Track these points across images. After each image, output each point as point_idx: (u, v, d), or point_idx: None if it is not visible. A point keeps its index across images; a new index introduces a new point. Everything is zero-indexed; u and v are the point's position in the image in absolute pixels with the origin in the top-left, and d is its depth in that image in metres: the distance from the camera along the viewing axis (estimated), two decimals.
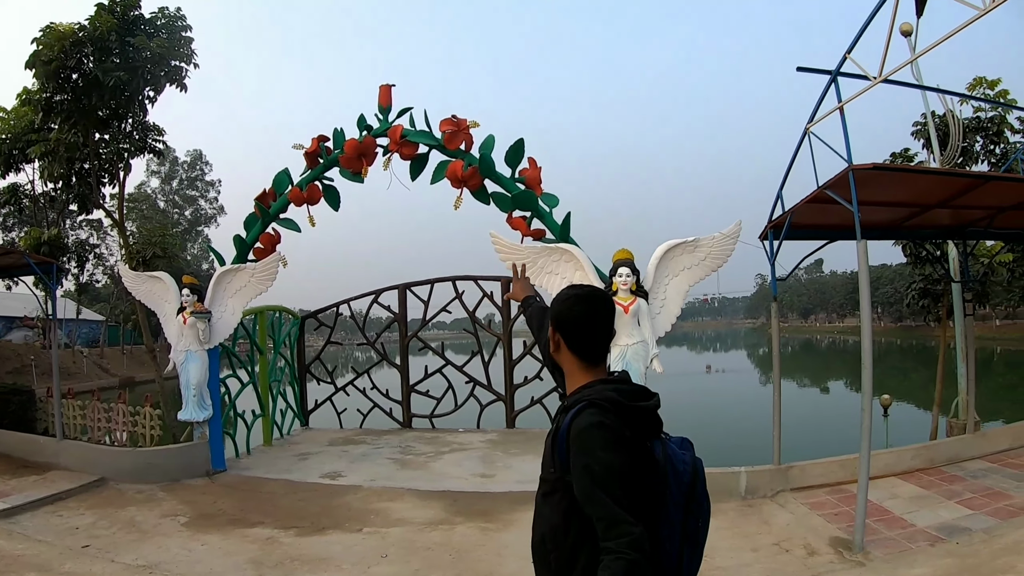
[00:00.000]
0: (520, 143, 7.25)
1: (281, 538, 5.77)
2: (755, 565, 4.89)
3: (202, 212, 45.91)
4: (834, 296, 73.47)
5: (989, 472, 6.73)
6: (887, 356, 46.37)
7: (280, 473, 7.99)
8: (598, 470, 1.57)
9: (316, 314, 11.84)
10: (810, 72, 5.74)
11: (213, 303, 8.08)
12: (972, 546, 4.88)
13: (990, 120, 11.25)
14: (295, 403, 11.06)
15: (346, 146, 7.70)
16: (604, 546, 1.54)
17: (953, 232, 7.91)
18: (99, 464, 7.77)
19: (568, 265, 6.86)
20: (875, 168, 5.31)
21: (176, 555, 5.36)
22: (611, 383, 1.76)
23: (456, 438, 10.12)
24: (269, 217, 8.26)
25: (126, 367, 35.44)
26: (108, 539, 5.70)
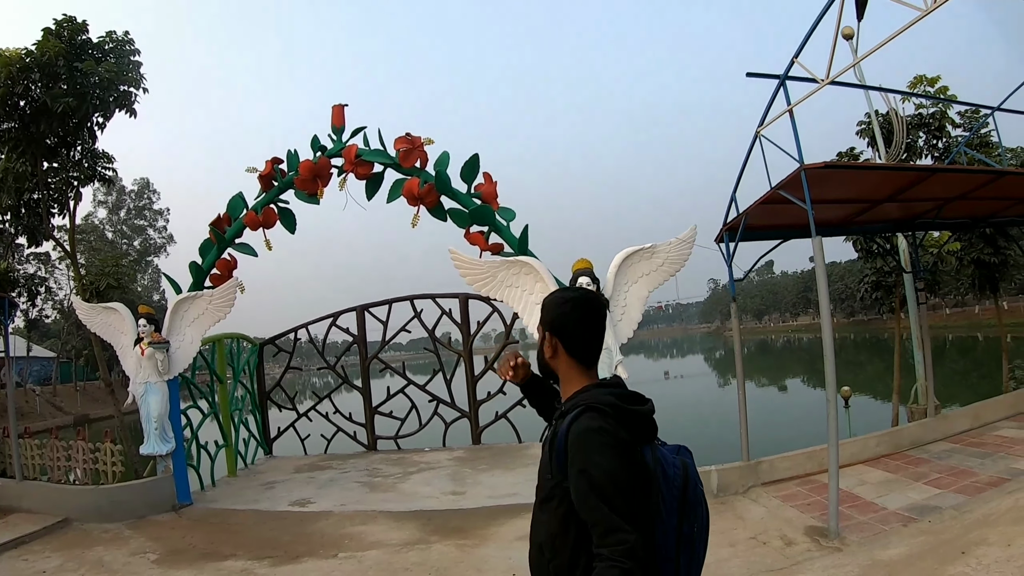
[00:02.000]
0: (475, 159, 7.25)
1: (256, 569, 5.62)
2: (734, 560, 4.95)
3: (151, 242, 44.79)
4: (786, 296, 75.18)
5: (953, 452, 6.93)
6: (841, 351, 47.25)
7: (248, 504, 7.80)
8: (595, 475, 1.56)
9: (274, 340, 11.65)
10: (759, 77, 5.86)
11: (171, 332, 7.86)
12: (944, 523, 5.05)
13: (932, 116, 11.73)
14: (258, 432, 10.85)
15: (301, 167, 7.61)
16: (598, 552, 1.53)
17: (902, 225, 8.20)
18: (62, 504, 7.50)
19: (528, 277, 6.86)
20: (826, 167, 5.52)
21: None
22: (607, 387, 1.76)
23: (423, 457, 10.04)
24: (225, 242, 8.09)
25: (80, 405, 34.28)
26: None
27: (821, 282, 5.48)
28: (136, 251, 42.74)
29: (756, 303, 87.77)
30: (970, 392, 17.01)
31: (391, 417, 11.07)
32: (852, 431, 11.69)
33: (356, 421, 11.14)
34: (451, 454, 10.12)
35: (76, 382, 38.55)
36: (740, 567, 4.82)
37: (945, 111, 11.75)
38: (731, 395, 31.98)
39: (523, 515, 6.37)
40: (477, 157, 7.24)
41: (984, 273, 12.38)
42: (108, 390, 12.91)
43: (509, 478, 7.95)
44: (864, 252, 12.18)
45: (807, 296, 70.53)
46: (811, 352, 51.84)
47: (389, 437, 11.02)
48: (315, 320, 11.32)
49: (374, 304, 11.13)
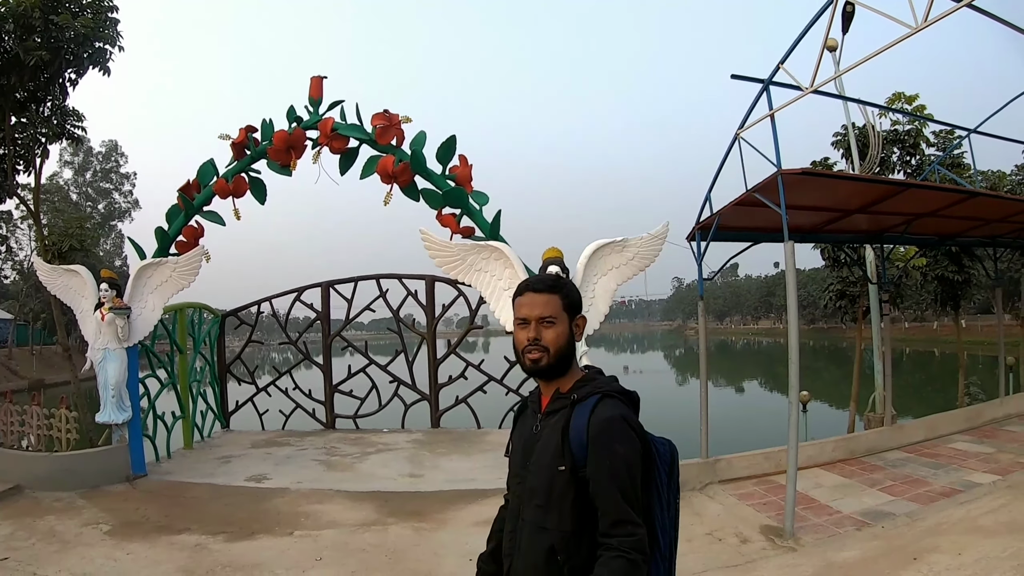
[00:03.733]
0: (452, 140, 7.20)
1: (210, 544, 5.53)
2: (690, 555, 4.98)
3: (116, 206, 43.99)
4: (748, 299, 76.21)
5: (907, 461, 7.07)
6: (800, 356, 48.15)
7: (204, 477, 7.66)
8: (617, 465, 1.61)
9: (237, 312, 11.43)
10: (743, 80, 5.91)
11: (133, 299, 7.64)
12: (897, 529, 5.17)
13: (907, 133, 11.93)
14: (215, 404, 10.65)
15: (275, 138, 7.45)
16: (605, 541, 1.58)
17: (872, 237, 8.34)
18: (13, 471, 7.24)
19: (498, 263, 6.85)
20: (803, 173, 5.60)
21: (101, 566, 5.06)
22: (602, 375, 1.84)
23: (381, 438, 9.98)
24: (193, 209, 7.89)
25: (35, 369, 33.51)
26: (28, 551, 5.36)
27: (791, 286, 5.54)
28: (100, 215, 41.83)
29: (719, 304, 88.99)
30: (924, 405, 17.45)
31: (351, 396, 10.98)
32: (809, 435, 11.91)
33: (315, 398, 11.02)
34: (410, 436, 10.06)
35: (32, 346, 37.63)
36: (696, 562, 4.86)
37: (921, 129, 11.99)
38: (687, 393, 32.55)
39: (481, 501, 6.42)
40: (454, 139, 7.20)
41: (947, 290, 12.69)
42: (65, 355, 12.55)
43: (467, 463, 7.92)
44: (831, 261, 12.37)
45: (769, 300, 71.76)
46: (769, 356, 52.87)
47: (348, 416, 10.93)
48: (279, 294, 11.13)
49: (340, 281, 10.99)
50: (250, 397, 11.09)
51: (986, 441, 7.69)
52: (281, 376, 11.19)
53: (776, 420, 6.47)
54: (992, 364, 29.51)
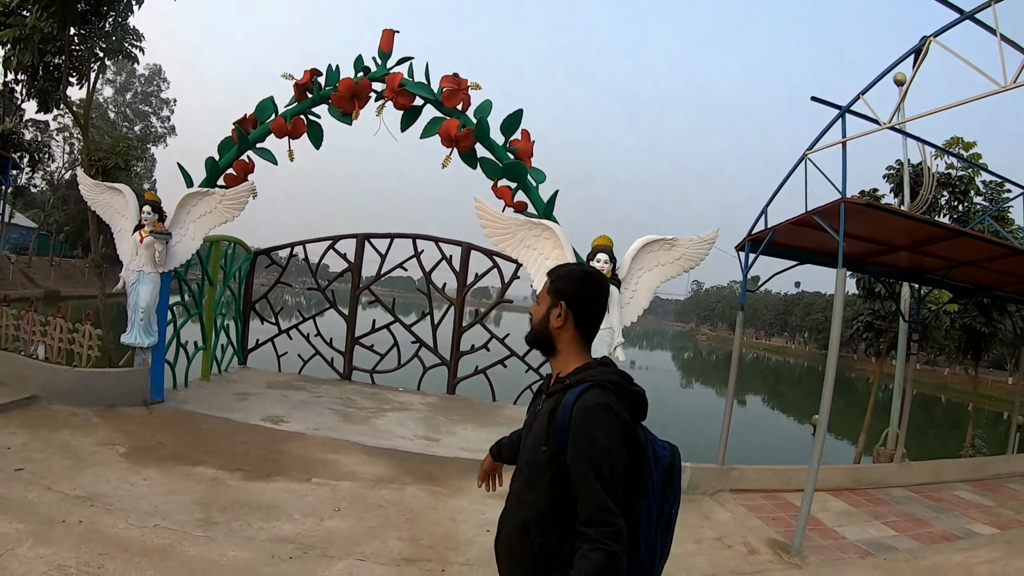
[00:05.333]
0: (518, 113, 7.14)
1: (227, 480, 5.54)
2: (699, 556, 5.07)
3: (152, 130, 44.05)
4: (765, 314, 75.64)
5: (911, 500, 7.07)
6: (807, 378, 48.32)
7: (220, 411, 7.67)
8: (596, 453, 1.61)
9: (269, 251, 11.45)
10: (822, 103, 5.95)
11: (174, 225, 7.61)
12: (897, 564, 5.17)
13: (959, 179, 11.88)
14: (235, 340, 10.66)
15: (341, 85, 7.38)
16: (583, 531, 1.58)
17: (910, 275, 8.35)
18: (31, 380, 7.21)
19: (548, 242, 6.83)
20: (867, 205, 5.63)
21: (116, 488, 5.03)
22: (607, 366, 1.81)
23: (397, 397, 10.01)
24: (247, 144, 7.81)
25: (53, 280, 33.83)
26: (43, 464, 5.33)
27: (837, 312, 5.48)
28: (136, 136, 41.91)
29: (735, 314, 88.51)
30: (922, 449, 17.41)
31: (371, 351, 11.00)
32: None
33: (335, 348, 11.05)
34: (425, 399, 10.09)
35: (53, 256, 37.95)
36: (705, 564, 4.93)
37: (973, 177, 11.90)
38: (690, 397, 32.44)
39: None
40: (520, 113, 7.13)
41: (971, 339, 12.71)
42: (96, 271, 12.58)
43: (482, 434, 7.93)
44: (866, 291, 12.32)
45: (784, 319, 71.31)
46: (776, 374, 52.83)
47: (365, 370, 10.97)
48: (314, 240, 11.10)
49: (376, 235, 10.93)
50: (271, 337, 11.12)
51: (988, 494, 7.66)
52: (304, 321, 11.22)
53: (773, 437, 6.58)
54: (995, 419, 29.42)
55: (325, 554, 4.34)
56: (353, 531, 4.80)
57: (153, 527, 4.38)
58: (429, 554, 4.56)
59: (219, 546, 4.27)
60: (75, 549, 3.92)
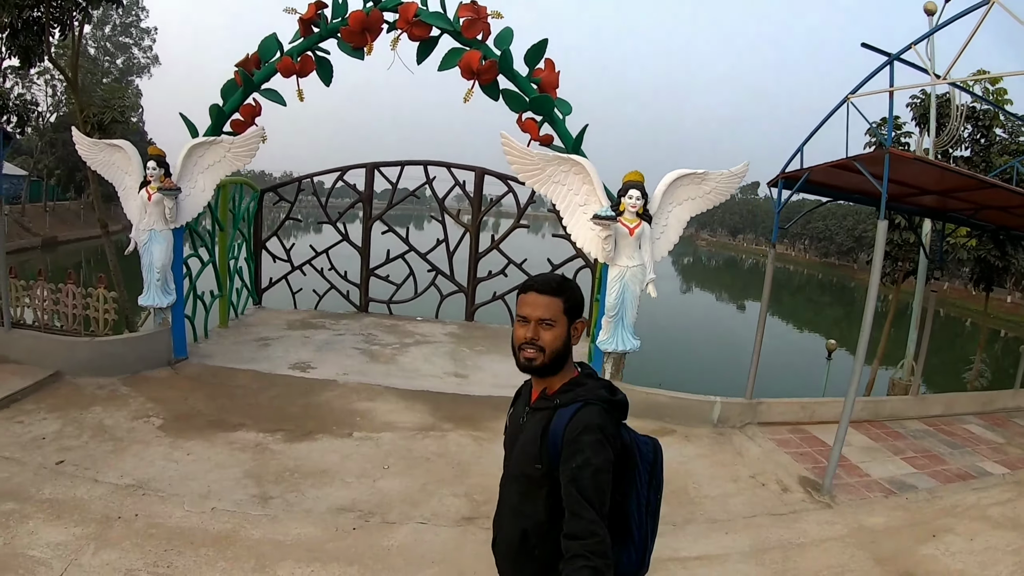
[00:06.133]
0: (543, 44, 6.81)
1: (270, 445, 5.49)
2: (738, 496, 5.18)
3: (135, 61, 42.40)
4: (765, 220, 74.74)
5: (926, 435, 7.18)
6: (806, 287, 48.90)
7: (246, 363, 7.59)
8: (586, 473, 1.65)
9: (276, 187, 11.19)
10: (871, 50, 5.83)
11: (182, 178, 7.24)
12: (918, 503, 5.31)
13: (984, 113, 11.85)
14: (249, 281, 10.48)
15: (351, 18, 6.94)
16: (569, 545, 1.62)
17: (937, 214, 8.38)
18: (52, 356, 6.87)
19: (577, 178, 6.67)
20: (913, 158, 5.72)
21: (163, 469, 4.93)
22: (593, 379, 1.85)
23: (417, 328, 10.01)
24: (252, 86, 7.39)
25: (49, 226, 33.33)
26: (82, 451, 5.14)
27: (877, 258, 5.46)
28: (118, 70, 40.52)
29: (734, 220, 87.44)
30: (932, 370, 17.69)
31: (387, 281, 10.94)
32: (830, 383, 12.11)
33: (350, 280, 10.95)
34: (445, 328, 10.10)
35: (46, 202, 37.26)
36: (745, 504, 5.05)
37: (997, 114, 11.73)
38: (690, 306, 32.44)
39: None
40: (545, 42, 6.79)
41: (984, 271, 12.84)
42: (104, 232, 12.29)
43: (508, 366, 7.78)
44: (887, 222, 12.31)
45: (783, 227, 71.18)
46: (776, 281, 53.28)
47: (382, 301, 10.95)
48: (322, 172, 10.84)
49: (386, 164, 10.69)
50: (284, 275, 11.00)
51: (997, 429, 7.76)
52: (317, 256, 11.04)
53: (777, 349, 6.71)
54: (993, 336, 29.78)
55: (385, 520, 4.35)
56: (407, 491, 4.82)
57: (211, 511, 4.33)
58: (487, 511, 4.56)
59: (281, 525, 4.25)
60: (139, 549, 3.83)
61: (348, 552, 3.96)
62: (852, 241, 50.06)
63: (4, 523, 3.97)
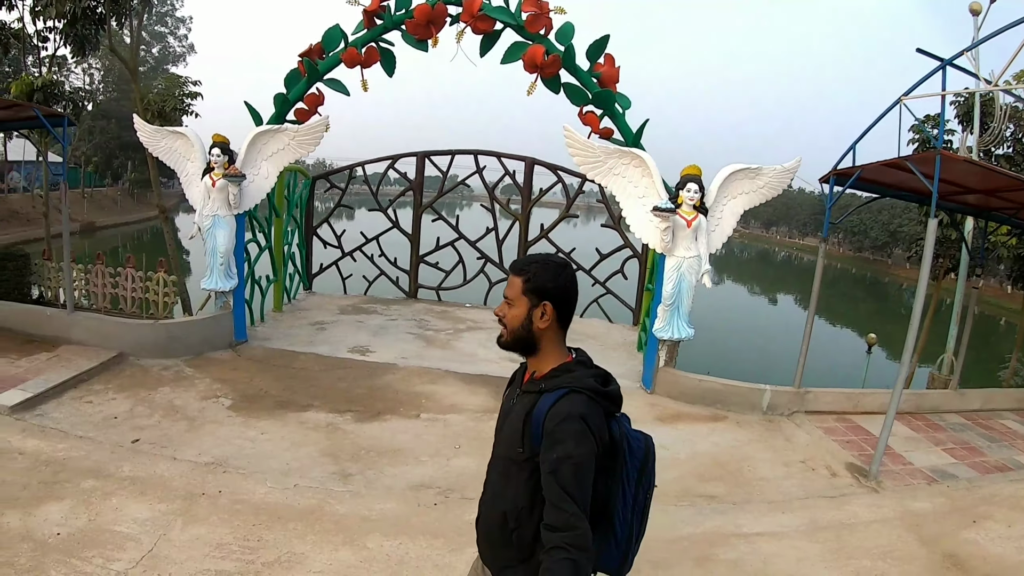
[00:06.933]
0: (605, 39, 7.00)
1: (341, 424, 5.65)
2: (790, 479, 5.35)
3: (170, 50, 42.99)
4: (799, 213, 73.51)
5: (965, 428, 7.22)
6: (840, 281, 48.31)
7: (305, 346, 7.80)
8: (567, 465, 1.60)
9: (328, 175, 11.41)
10: (926, 55, 6.02)
11: (246, 165, 7.40)
12: (959, 491, 5.41)
13: None
14: (301, 266, 10.73)
15: (416, 10, 7.12)
16: (549, 536, 1.59)
17: (981, 212, 8.44)
18: (114, 337, 7.03)
19: (636, 171, 6.85)
20: (963, 160, 5.86)
21: (240, 447, 5.08)
22: (585, 367, 1.80)
23: (467, 314, 10.18)
24: (316, 75, 7.60)
25: (87, 212, 33.99)
26: (156, 430, 5.28)
27: (927, 256, 5.69)
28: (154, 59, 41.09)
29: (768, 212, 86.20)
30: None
31: (436, 268, 11.12)
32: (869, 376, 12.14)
33: (400, 267, 11.15)
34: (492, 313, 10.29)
35: (83, 188, 37.96)
36: (797, 487, 5.22)
37: None
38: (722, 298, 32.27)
39: None
40: (607, 38, 6.99)
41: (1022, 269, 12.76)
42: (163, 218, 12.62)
43: None
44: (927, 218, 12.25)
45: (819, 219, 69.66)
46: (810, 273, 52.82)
47: (431, 287, 11.14)
48: (373, 160, 11.00)
49: (436, 152, 10.85)
50: (335, 261, 11.25)
51: None
52: (368, 242, 11.27)
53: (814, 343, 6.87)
54: None
55: (464, 496, 4.50)
56: (481, 469, 4.93)
57: (294, 488, 4.49)
58: None
59: (365, 500, 4.40)
60: (227, 524, 3.93)
61: (432, 526, 4.12)
62: (887, 236, 49.31)
63: (87, 500, 4.09)
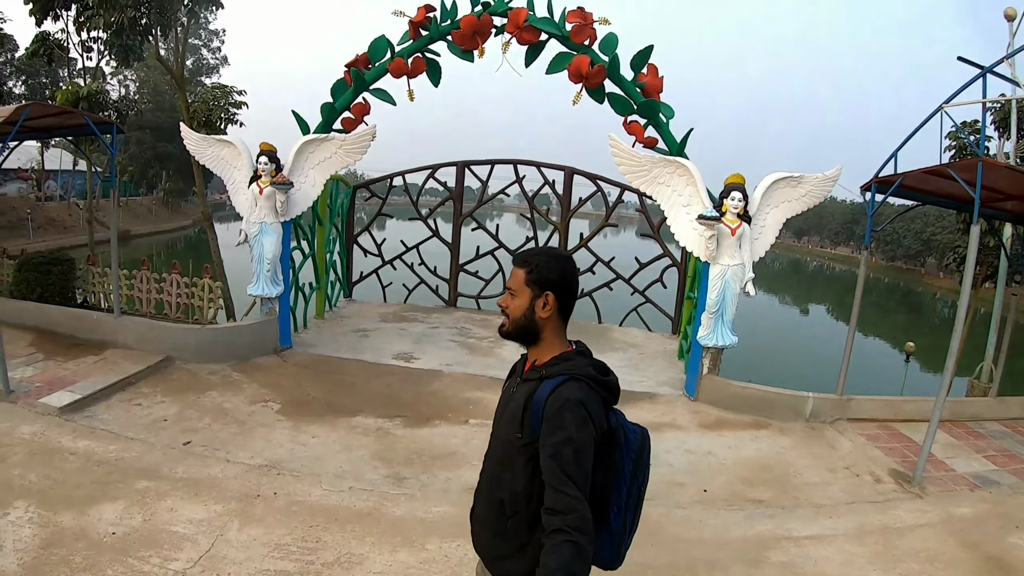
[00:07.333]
0: (648, 49, 7.09)
1: (391, 429, 5.71)
2: (836, 485, 5.39)
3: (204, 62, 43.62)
4: (831, 222, 72.55)
5: (1005, 435, 7.19)
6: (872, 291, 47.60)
7: (350, 352, 7.95)
8: (568, 449, 1.64)
9: (369, 184, 11.59)
10: (967, 63, 6.13)
11: (293, 173, 7.59)
12: (1001, 497, 5.43)
13: None
14: (341, 274, 10.88)
15: (463, 22, 7.29)
16: (548, 518, 1.62)
17: (1019, 218, 8.44)
18: (161, 341, 7.19)
19: (681, 179, 6.92)
20: (1005, 167, 5.90)
21: (292, 451, 5.15)
22: (585, 356, 1.86)
23: None
24: (363, 85, 7.76)
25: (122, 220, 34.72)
26: (207, 433, 5.36)
27: (970, 264, 5.61)
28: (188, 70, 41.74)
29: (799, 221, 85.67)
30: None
31: (476, 276, 11.21)
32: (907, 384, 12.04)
33: (440, 276, 11.25)
34: None
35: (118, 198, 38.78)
36: (843, 492, 5.26)
37: None
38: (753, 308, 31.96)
39: (638, 403, 6.81)
40: (651, 49, 7.08)
41: None
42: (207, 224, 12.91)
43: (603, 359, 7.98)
44: (965, 224, 12.15)
45: (851, 228, 68.26)
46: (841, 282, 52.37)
47: (471, 296, 11.22)
48: (413, 169, 11.15)
49: (476, 162, 10.96)
50: (375, 269, 11.39)
51: None
52: (408, 251, 11.37)
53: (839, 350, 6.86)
54: None
55: None
56: None
57: (349, 490, 4.55)
58: None
59: (420, 503, 4.46)
60: (284, 525, 3.98)
61: None
62: (920, 245, 48.73)
63: (141, 500, 4.16)
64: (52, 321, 7.70)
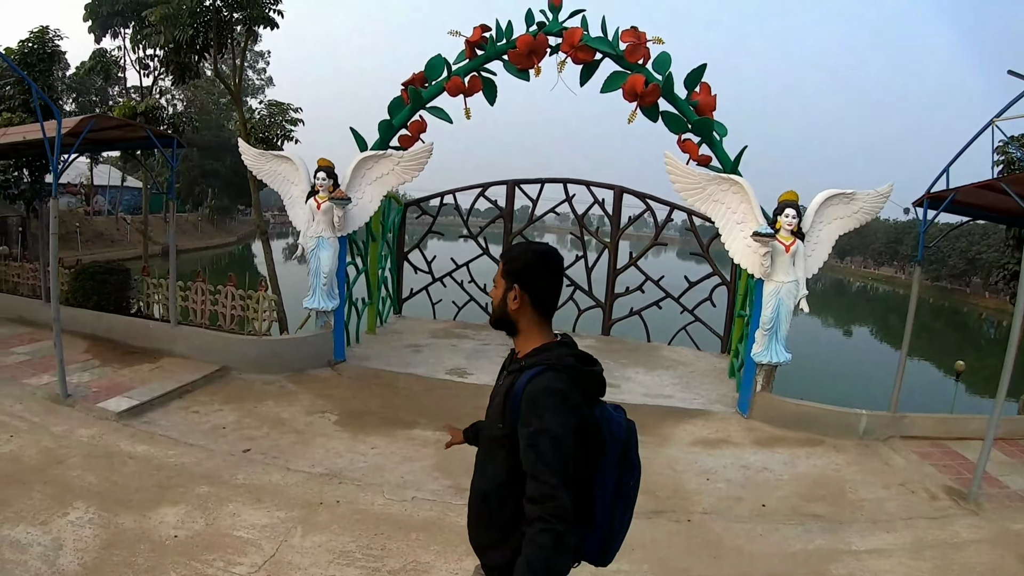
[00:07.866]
0: (702, 68, 7.20)
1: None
2: (892, 501, 5.39)
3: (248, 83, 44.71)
4: (874, 242, 71.03)
5: None
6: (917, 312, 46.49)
7: (403, 367, 8.07)
8: (545, 438, 1.62)
9: (419, 202, 11.79)
10: (1018, 77, 5.98)
11: (351, 189, 7.78)
12: None
13: None
14: (391, 290, 11.05)
15: (519, 41, 7.46)
16: (529, 508, 1.61)
17: None
18: (216, 352, 7.38)
19: (735, 197, 7.00)
20: None
21: (352, 460, 5.21)
22: (567, 347, 1.82)
23: None
24: (420, 103, 7.95)
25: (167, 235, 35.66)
26: (266, 441, 5.44)
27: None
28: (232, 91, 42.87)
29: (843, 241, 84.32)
30: None
31: None
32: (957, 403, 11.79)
33: (489, 294, 11.35)
34: (583, 342, 10.06)
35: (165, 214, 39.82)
36: (899, 508, 5.26)
37: None
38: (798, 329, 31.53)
39: (688, 420, 6.84)
40: (704, 67, 7.18)
41: None
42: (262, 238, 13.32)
43: (653, 378, 8.20)
44: (1016, 240, 12.03)
45: (895, 248, 66.80)
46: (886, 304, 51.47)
47: None
48: (463, 188, 11.33)
49: (526, 181, 11.09)
50: (425, 286, 11.58)
51: None
52: (458, 268, 11.55)
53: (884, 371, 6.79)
54: None
55: None
56: None
57: (412, 500, 4.60)
58: (670, 505, 4.91)
59: None
60: (348, 532, 4.02)
61: None
62: (965, 263, 47.67)
63: (203, 504, 4.22)
64: (109, 329, 7.96)
